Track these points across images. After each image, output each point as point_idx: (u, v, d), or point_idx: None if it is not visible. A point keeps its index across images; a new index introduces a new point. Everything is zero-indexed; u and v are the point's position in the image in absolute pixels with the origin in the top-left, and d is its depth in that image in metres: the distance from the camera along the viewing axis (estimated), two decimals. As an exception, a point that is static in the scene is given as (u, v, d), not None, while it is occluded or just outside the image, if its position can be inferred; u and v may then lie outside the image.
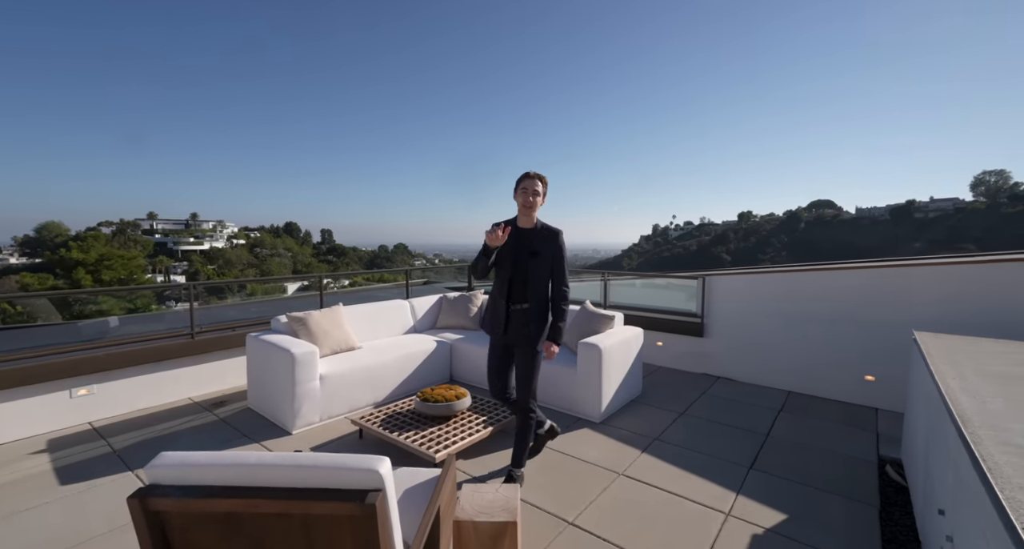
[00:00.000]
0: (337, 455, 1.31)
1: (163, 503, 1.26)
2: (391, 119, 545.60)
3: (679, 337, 4.67)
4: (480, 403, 3.33)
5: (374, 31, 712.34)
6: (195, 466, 1.28)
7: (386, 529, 1.29)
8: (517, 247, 2.45)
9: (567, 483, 2.57)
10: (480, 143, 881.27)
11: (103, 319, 4.85)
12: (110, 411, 3.46)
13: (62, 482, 2.54)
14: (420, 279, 8.09)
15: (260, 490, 1.26)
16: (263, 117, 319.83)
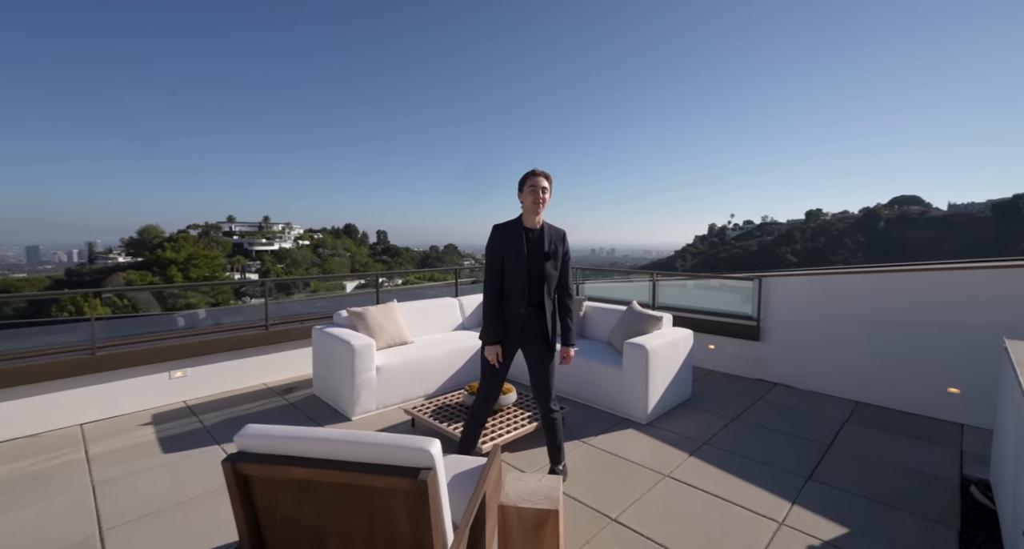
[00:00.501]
0: (394, 435, 1.45)
1: (249, 468, 1.45)
2: (440, 122, 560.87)
3: (733, 340, 4.48)
4: (525, 399, 3.41)
5: (425, 34, 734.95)
6: (275, 438, 1.46)
7: (436, 505, 1.40)
8: (529, 249, 2.37)
9: (611, 481, 2.58)
10: (527, 145, 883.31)
11: (194, 311, 5.47)
12: (200, 392, 3.91)
13: (164, 450, 2.94)
14: (468, 278, 8.32)
15: (328, 462, 1.42)
16: (327, 120, 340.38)
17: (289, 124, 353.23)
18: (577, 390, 3.78)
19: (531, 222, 2.40)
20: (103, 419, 3.43)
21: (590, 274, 7.59)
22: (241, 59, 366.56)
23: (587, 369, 3.67)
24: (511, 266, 2.36)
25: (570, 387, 3.82)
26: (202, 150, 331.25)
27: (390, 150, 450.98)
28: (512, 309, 2.39)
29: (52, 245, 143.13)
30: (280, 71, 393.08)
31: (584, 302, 4.39)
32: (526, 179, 2.37)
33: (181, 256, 54.32)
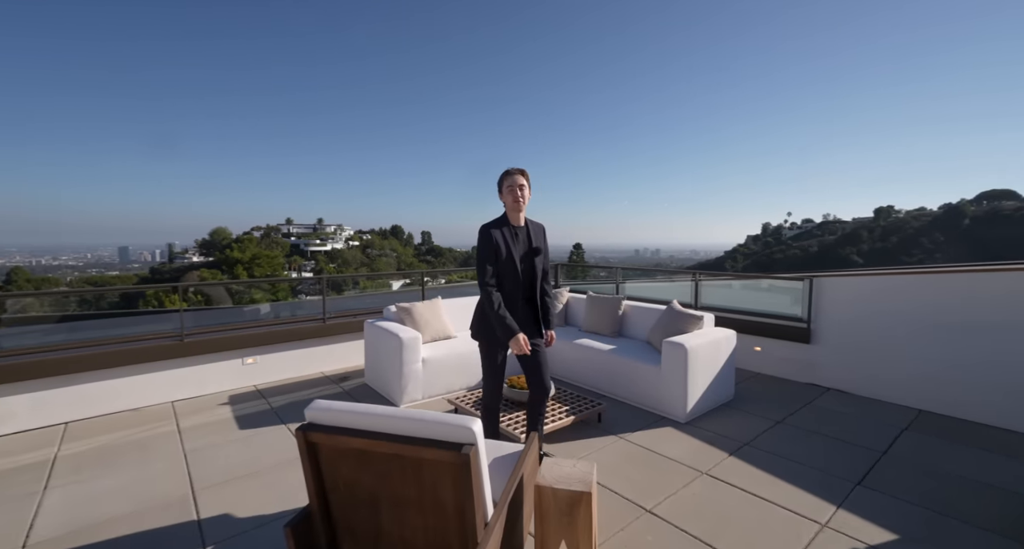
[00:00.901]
0: (440, 414, 1.60)
1: (317, 436, 1.67)
2: (489, 122, 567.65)
3: (781, 343, 4.32)
4: (563, 394, 3.50)
5: (476, 34, 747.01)
6: (339, 411, 1.66)
7: (478, 477, 1.54)
8: (517, 247, 2.46)
9: (647, 475, 2.62)
10: (570, 145, 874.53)
11: (259, 305, 6.01)
12: (268, 377, 4.33)
13: (240, 427, 3.31)
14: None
15: (383, 435, 1.60)
16: (381, 121, 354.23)
17: (346, 126, 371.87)
18: (615, 387, 3.82)
19: (516, 220, 2.49)
20: (190, 398, 3.89)
21: (630, 274, 7.52)
22: (308, 61, 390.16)
23: (625, 367, 3.71)
24: (506, 265, 2.43)
25: (608, 384, 3.87)
26: (268, 150, 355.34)
27: (436, 152, 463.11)
28: (510, 305, 2.46)
29: (139, 246, 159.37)
30: (336, 74, 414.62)
31: (623, 301, 4.41)
32: (503, 179, 2.46)
33: (246, 256, 58.75)
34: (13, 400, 3.24)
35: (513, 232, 2.47)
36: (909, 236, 73.51)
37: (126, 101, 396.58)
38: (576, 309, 4.84)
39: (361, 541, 1.81)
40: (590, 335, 4.32)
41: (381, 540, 1.77)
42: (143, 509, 2.32)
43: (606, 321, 4.33)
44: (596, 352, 3.95)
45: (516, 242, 2.46)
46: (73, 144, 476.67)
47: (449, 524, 1.63)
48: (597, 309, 4.43)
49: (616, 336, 4.28)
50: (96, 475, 2.65)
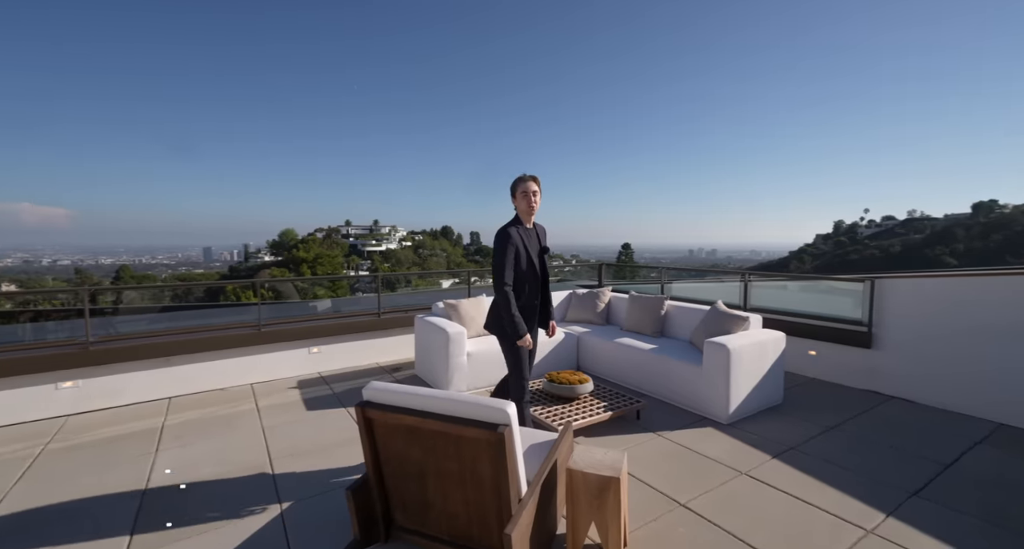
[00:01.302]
0: (479, 396, 1.78)
1: (372, 413, 1.90)
2: (545, 121, 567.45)
3: (838, 347, 4.10)
4: (602, 391, 3.58)
5: (530, 34, 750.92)
6: (391, 391, 1.89)
7: (512, 455, 1.70)
8: (532, 248, 2.63)
9: (683, 472, 2.65)
10: (627, 144, 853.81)
11: (322, 301, 6.56)
12: (330, 366, 4.76)
13: (307, 408, 3.70)
14: (554, 277, 8.59)
15: (429, 414, 1.80)
16: (436, 122, 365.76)
17: (402, 126, 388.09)
18: (655, 386, 3.82)
19: (527, 222, 2.67)
20: (265, 381, 4.39)
21: (681, 275, 7.36)
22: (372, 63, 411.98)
23: (667, 366, 3.71)
24: (524, 265, 2.59)
25: (648, 383, 3.89)
26: (330, 149, 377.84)
27: (487, 150, 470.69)
28: (528, 303, 2.65)
29: (220, 246, 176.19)
30: (400, 76, 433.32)
31: (665, 301, 4.38)
32: (517, 185, 2.62)
33: (310, 255, 63.12)
34: (129, 377, 3.85)
35: (527, 233, 2.64)
36: (1017, 234, 64.38)
37: (204, 111, 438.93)
38: (618, 308, 4.87)
39: (410, 510, 2.03)
40: (631, 334, 4.34)
41: (428, 510, 1.98)
42: (230, 471, 2.71)
43: (647, 321, 4.33)
44: (636, 351, 3.97)
45: (531, 242, 2.64)
46: (163, 155, 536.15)
47: (487, 497, 1.81)
48: (639, 309, 4.43)
49: (658, 336, 4.27)
50: (193, 442, 3.11)
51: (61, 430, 3.33)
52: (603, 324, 4.84)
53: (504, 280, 2.53)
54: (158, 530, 2.17)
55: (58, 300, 8.84)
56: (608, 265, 7.87)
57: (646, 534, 2.12)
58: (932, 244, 70.31)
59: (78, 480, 2.62)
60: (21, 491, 2.53)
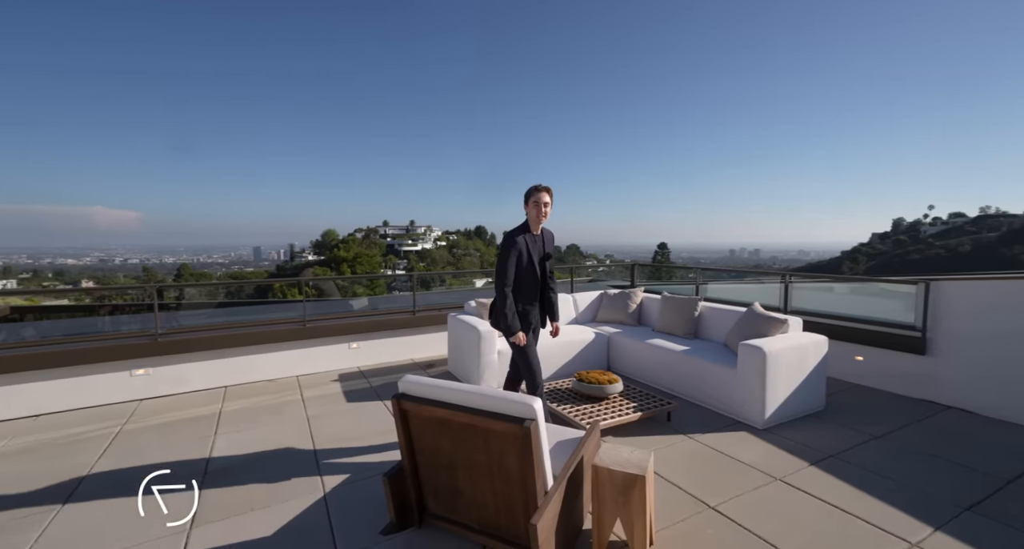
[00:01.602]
0: (506, 392, 1.85)
1: (407, 405, 2.02)
2: (578, 122, 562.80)
3: (888, 353, 3.88)
4: (632, 392, 3.57)
5: (583, 26, 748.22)
6: (423, 384, 2.00)
7: (538, 449, 1.77)
8: (535, 252, 2.83)
9: (714, 475, 2.62)
10: (672, 141, 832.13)
11: (360, 298, 6.85)
12: (368, 361, 5.00)
13: (347, 400, 3.92)
14: (586, 277, 8.56)
15: (458, 407, 1.90)
16: (479, 122, 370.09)
17: (437, 126, 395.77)
18: (687, 388, 3.77)
19: (535, 229, 2.87)
20: (310, 373, 4.67)
21: (714, 275, 7.15)
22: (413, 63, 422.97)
23: (699, 368, 3.65)
24: (526, 269, 2.80)
25: (680, 385, 3.83)
26: (366, 150, 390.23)
27: (523, 148, 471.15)
28: (528, 304, 2.86)
29: (268, 246, 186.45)
30: (437, 75, 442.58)
31: (699, 302, 4.30)
32: (531, 194, 2.81)
33: (350, 255, 65.60)
34: (191, 366, 4.21)
35: (532, 239, 2.85)
36: (1115, 230, 57.42)
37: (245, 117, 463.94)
38: (650, 309, 4.81)
39: (442, 498, 2.14)
40: (663, 335, 4.29)
41: (458, 498, 2.07)
42: (279, 455, 2.93)
43: (680, 322, 4.26)
44: (668, 352, 3.93)
45: (535, 248, 2.84)
46: (230, 161, 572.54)
47: (514, 489, 1.88)
48: (671, 309, 4.37)
49: (691, 337, 4.20)
50: (247, 427, 3.37)
51: (135, 413, 3.70)
52: (635, 325, 4.81)
53: (505, 281, 2.75)
54: (216, 507, 2.40)
55: (129, 295, 9.72)
56: (642, 265, 7.76)
57: (673, 534, 2.13)
58: (1009, 243, 63.97)
59: (149, 458, 2.92)
60: (104, 463, 2.85)
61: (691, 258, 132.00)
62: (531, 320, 2.93)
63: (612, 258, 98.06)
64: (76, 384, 3.80)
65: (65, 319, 6.98)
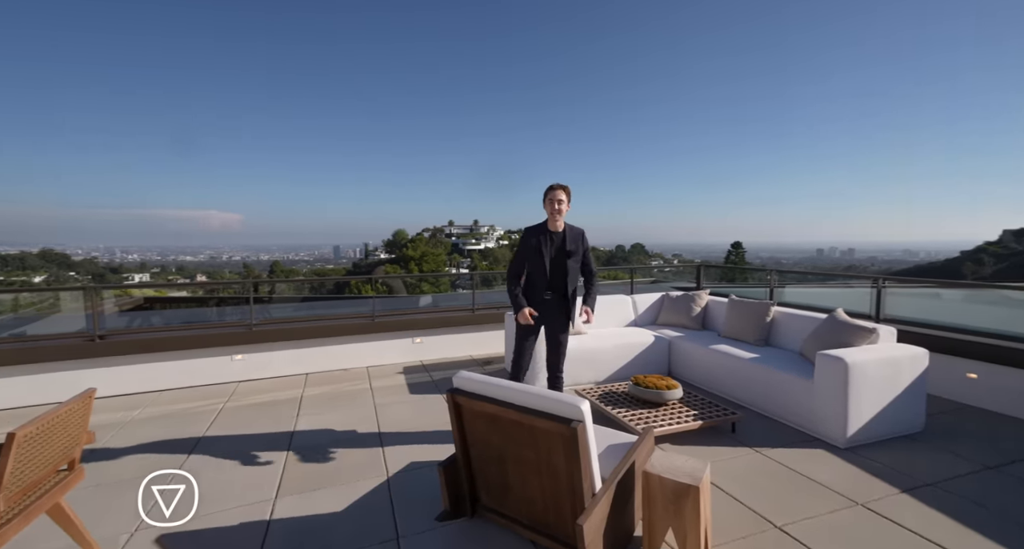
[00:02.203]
0: (555, 392, 1.88)
1: (460, 399, 2.12)
2: (650, 119, 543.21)
3: (1011, 371, 3.32)
4: (693, 399, 3.41)
5: (641, 31, 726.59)
6: (475, 381, 2.09)
7: (585, 450, 1.77)
8: (553, 249, 2.90)
9: (783, 493, 2.44)
10: (780, 140, 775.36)
11: (426, 296, 7.21)
12: (430, 355, 5.26)
13: (410, 392, 4.17)
14: (648, 278, 8.26)
15: (508, 404, 1.96)
16: (538, 121, 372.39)
17: (505, 125, 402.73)
18: (755, 398, 3.52)
19: (554, 226, 2.92)
20: (378, 365, 5.03)
21: (799, 277, 6.56)
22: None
23: (770, 378, 3.39)
24: (534, 262, 2.92)
25: (747, 395, 3.59)
26: (430, 149, 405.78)
27: (585, 149, 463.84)
28: (535, 296, 2.95)
29: (346, 244, 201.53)
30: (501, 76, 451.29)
31: (771, 307, 3.98)
32: (547, 193, 2.90)
33: (417, 253, 68.92)
34: (278, 354, 4.73)
35: (549, 236, 2.93)
36: None
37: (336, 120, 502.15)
38: (716, 313, 4.55)
39: (493, 492, 2.22)
40: (730, 341, 4.04)
41: (508, 492, 2.14)
42: (351, 438, 3.20)
43: (750, 327, 3.98)
44: (734, 359, 3.69)
45: (549, 244, 2.92)
46: (312, 168, 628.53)
47: (561, 488, 1.90)
48: (739, 314, 4.10)
49: (762, 344, 3.91)
50: (323, 411, 3.72)
51: (235, 393, 4.24)
52: (699, 329, 4.57)
53: (512, 269, 3.00)
54: (296, 481, 2.68)
55: (232, 289, 11.07)
56: (710, 266, 7.34)
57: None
58: None
59: (244, 432, 3.34)
60: (211, 434, 3.31)
61: (771, 258, 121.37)
62: (543, 316, 2.97)
63: (680, 258, 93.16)
64: (190, 365, 4.43)
65: (184, 308, 8.14)
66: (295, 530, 2.21)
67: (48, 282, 65.07)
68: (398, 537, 2.15)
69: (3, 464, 1.54)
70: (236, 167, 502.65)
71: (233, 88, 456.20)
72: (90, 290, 4.43)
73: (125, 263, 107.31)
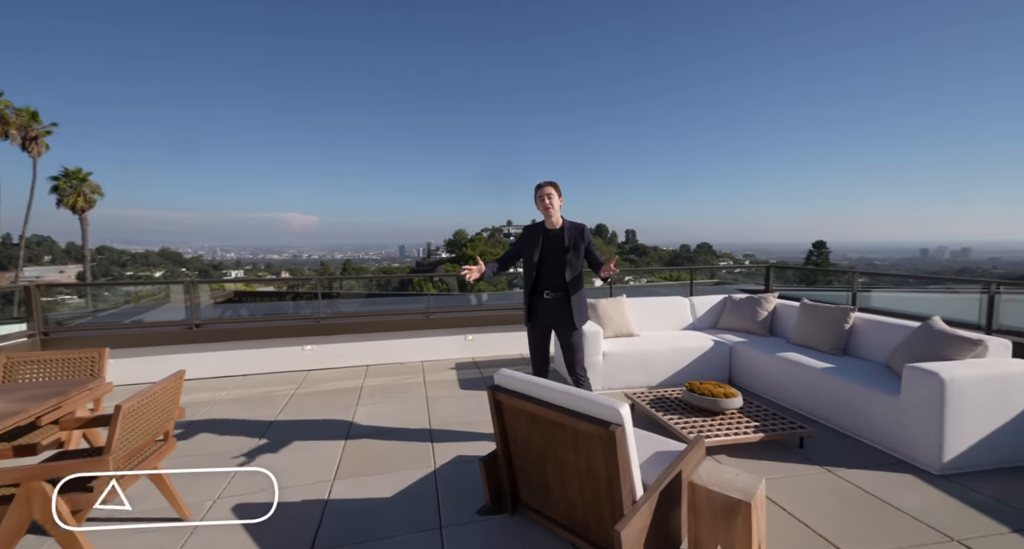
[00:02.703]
0: (595, 394, 1.84)
1: (500, 396, 2.14)
2: (706, 120, 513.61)
3: None
4: (755, 409, 3.16)
5: (697, 34, 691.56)
6: (515, 379, 2.10)
7: (624, 455, 1.72)
8: (549, 246, 2.81)
9: (858, 519, 2.18)
10: (879, 144, 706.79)
11: (480, 294, 7.35)
12: (482, 352, 5.37)
13: (461, 387, 4.29)
14: (711, 280, 7.78)
15: (545, 403, 1.94)
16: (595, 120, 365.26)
17: (558, 126, 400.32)
18: (830, 413, 3.19)
19: (551, 224, 2.84)
20: (432, 360, 5.23)
21: (887, 281, 5.85)
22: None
23: (848, 391, 3.05)
24: (527, 261, 2.86)
25: (820, 408, 3.26)
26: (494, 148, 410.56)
27: (646, 149, 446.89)
28: (537, 296, 2.87)
29: (411, 244, 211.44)
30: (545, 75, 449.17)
31: (851, 313, 3.58)
32: (535, 191, 2.83)
33: (475, 253, 70.63)
34: (343, 346, 5.08)
35: (545, 234, 2.85)
36: None
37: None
38: (785, 317, 4.18)
39: (533, 490, 2.22)
40: (800, 349, 3.69)
41: (548, 492, 2.13)
42: (403, 428, 3.37)
43: (825, 335, 3.61)
44: (807, 369, 3.37)
45: (543, 242, 2.84)
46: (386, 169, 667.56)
47: (601, 492, 1.86)
48: (813, 320, 3.73)
49: (839, 354, 3.53)
50: (380, 402, 3.95)
51: (304, 380, 4.63)
52: (764, 335, 4.23)
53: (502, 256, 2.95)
54: (352, 465, 2.87)
55: (308, 285, 12.10)
56: (785, 267, 6.75)
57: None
58: None
59: (310, 417, 3.63)
60: (284, 416, 3.65)
61: (862, 259, 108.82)
62: (540, 315, 2.90)
63: (753, 258, 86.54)
64: (267, 354, 4.91)
65: (265, 302, 9.02)
66: (349, 512, 2.36)
67: (165, 277, 75.32)
68: (441, 526, 2.22)
69: (112, 431, 1.81)
70: (312, 173, 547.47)
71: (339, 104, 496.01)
72: (188, 285, 5.06)
73: (224, 260, 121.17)
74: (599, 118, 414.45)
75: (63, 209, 26.02)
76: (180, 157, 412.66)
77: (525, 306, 2.94)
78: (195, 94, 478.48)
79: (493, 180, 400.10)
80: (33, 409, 2.03)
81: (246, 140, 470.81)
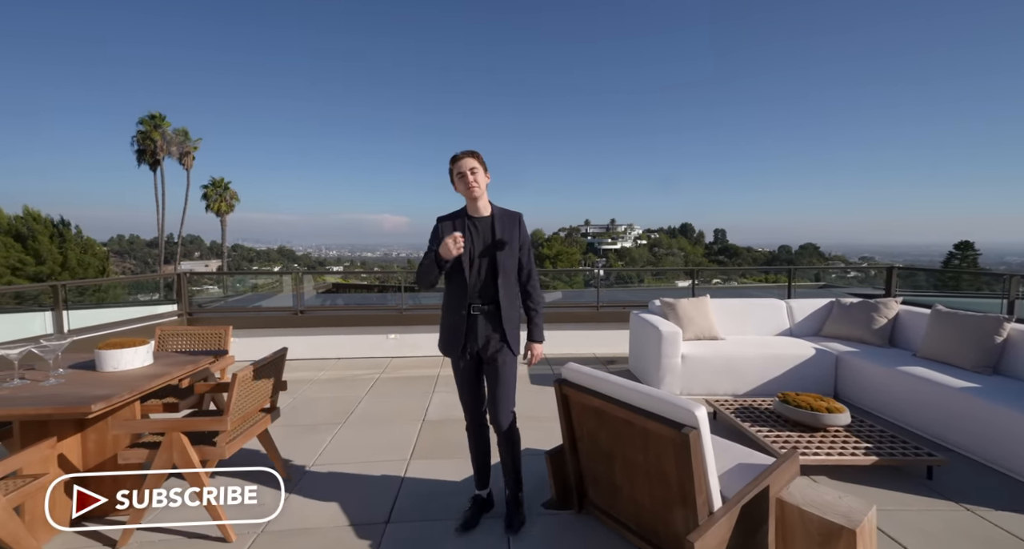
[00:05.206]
0: (669, 394, 1.73)
1: (566, 389, 2.11)
2: (812, 114, 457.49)
3: None
4: (867, 428, 2.73)
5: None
6: (582, 373, 2.05)
7: (699, 460, 1.59)
8: (475, 241, 2.03)
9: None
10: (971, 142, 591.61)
11: (556, 291, 7.34)
12: (554, 350, 5.33)
13: (532, 383, 4.31)
14: (816, 283, 6.90)
15: (613, 400, 1.87)
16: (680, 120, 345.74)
17: (631, 126, 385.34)
18: (969, 441, 2.64)
19: (475, 210, 2.05)
20: (503, 354, 5.32)
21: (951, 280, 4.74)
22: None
23: (997, 417, 2.51)
24: (452, 264, 2.02)
25: (956, 435, 2.72)
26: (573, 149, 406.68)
27: (728, 139, 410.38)
28: (455, 311, 2.08)
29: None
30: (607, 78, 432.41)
31: (1007, 324, 2.92)
32: (450, 167, 2.03)
33: (552, 252, 70.47)
34: (421, 336, 5.38)
35: (471, 224, 2.05)
36: None
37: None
38: (911, 326, 3.56)
39: (601, 489, 2.15)
40: (931, 363, 3.11)
41: (616, 492, 2.05)
42: (473, 418, 3.47)
43: (967, 348, 3.00)
44: (939, 387, 2.83)
45: (473, 236, 2.04)
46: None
47: (672, 497, 1.74)
48: (951, 330, 3.13)
49: (986, 372, 2.91)
50: (453, 391, 4.03)
51: (388, 366, 4.99)
52: (882, 345, 3.64)
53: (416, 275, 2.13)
54: (425, 448, 3.03)
55: (394, 278, 13.08)
56: (913, 269, 5.76)
57: (908, 627, 1.57)
58: None
59: (391, 400, 3.90)
60: (368, 397, 3.98)
61: (1022, 261, 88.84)
62: (466, 339, 2.10)
63: (872, 261, 75.11)
64: (358, 340, 5.37)
65: (358, 294, 9.92)
66: (422, 491, 2.50)
67: (280, 271, 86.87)
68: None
69: (230, 395, 2.11)
70: (402, 176, 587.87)
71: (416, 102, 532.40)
72: (295, 276, 5.73)
73: (328, 257, 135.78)
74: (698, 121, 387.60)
75: (209, 213, 31.14)
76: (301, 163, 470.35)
77: (444, 329, 2.16)
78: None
79: (584, 180, 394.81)
80: (175, 372, 2.44)
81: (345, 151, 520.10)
